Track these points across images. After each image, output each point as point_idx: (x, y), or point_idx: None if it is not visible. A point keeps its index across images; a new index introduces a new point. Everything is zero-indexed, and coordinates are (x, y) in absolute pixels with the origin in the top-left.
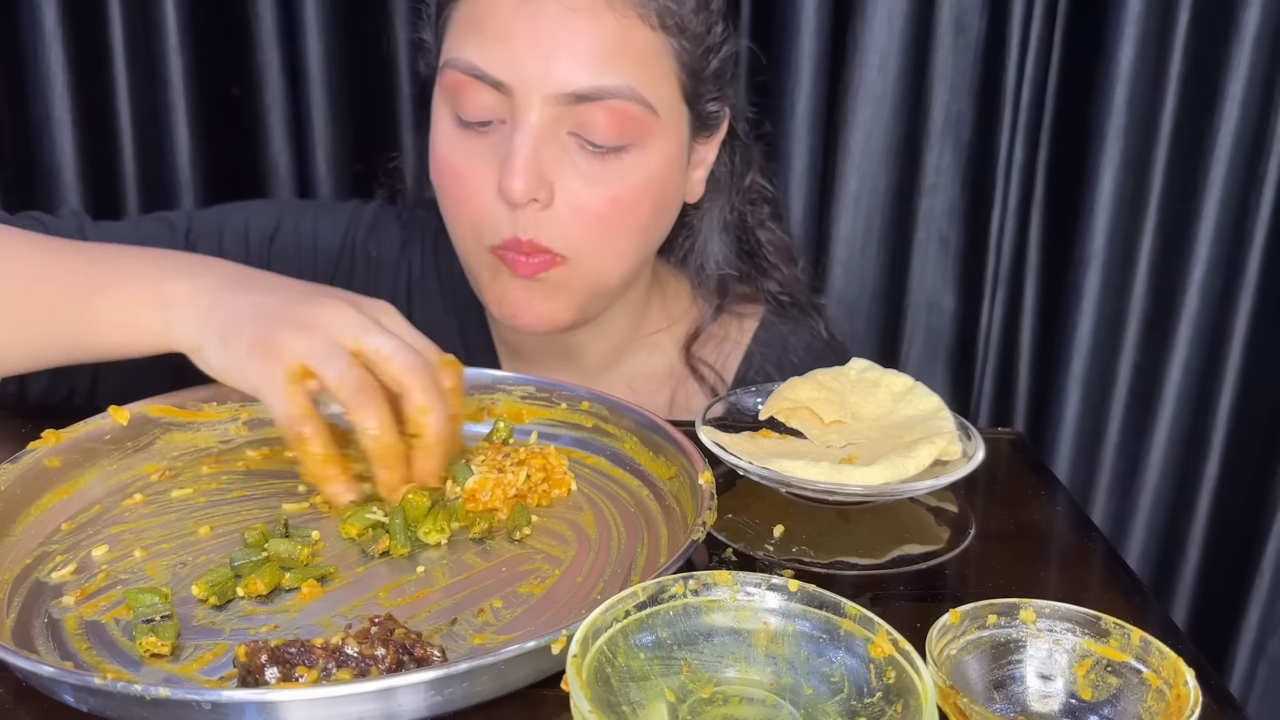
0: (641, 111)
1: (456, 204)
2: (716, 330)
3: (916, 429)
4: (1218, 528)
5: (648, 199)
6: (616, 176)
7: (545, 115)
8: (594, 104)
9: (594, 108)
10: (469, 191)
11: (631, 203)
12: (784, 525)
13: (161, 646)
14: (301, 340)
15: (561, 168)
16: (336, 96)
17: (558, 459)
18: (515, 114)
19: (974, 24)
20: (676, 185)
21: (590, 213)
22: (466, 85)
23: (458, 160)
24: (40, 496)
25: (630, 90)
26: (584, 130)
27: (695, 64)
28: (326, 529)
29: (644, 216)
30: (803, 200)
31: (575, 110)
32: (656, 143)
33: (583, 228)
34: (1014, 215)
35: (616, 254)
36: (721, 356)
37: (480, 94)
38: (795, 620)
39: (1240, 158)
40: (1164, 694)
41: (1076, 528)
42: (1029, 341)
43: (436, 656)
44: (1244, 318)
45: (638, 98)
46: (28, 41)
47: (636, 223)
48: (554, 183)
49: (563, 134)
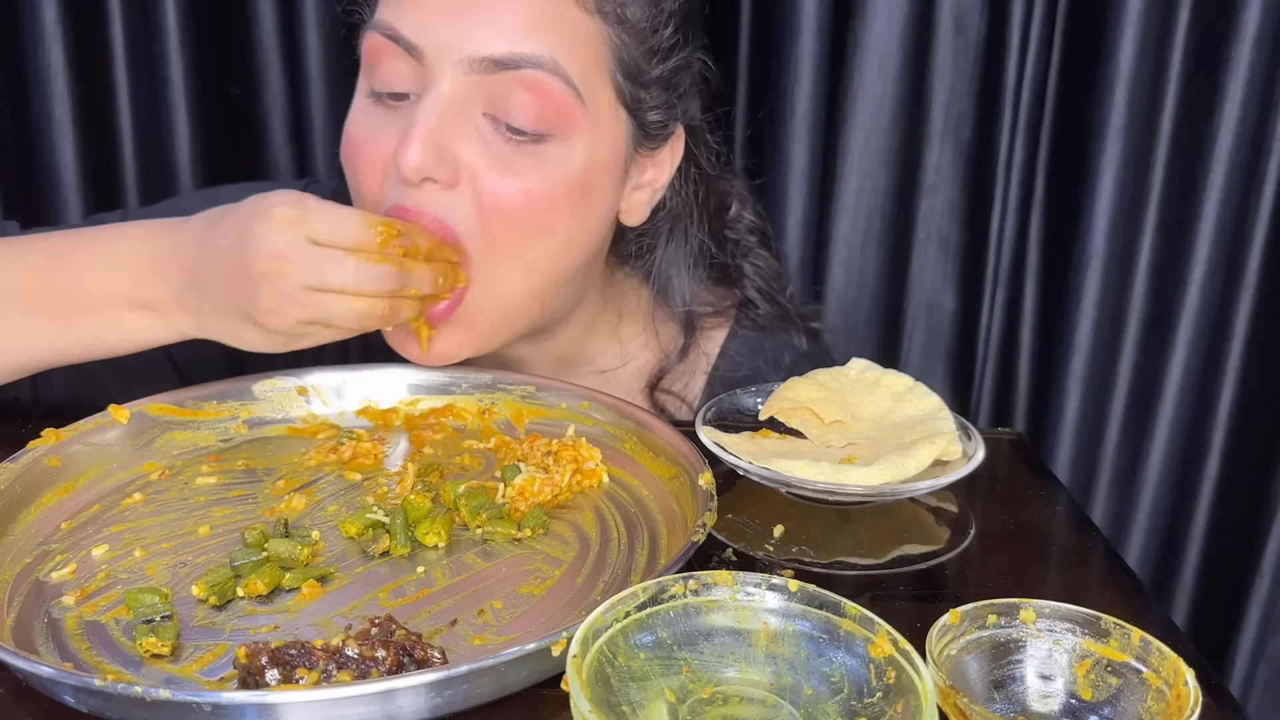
0: (564, 91)
1: (353, 179)
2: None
3: (916, 429)
4: (1218, 528)
5: (566, 200)
6: (532, 168)
7: (457, 85)
8: (513, 75)
9: (511, 81)
10: (367, 164)
11: (548, 200)
12: (784, 525)
13: (161, 647)
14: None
15: (471, 149)
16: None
17: (590, 452)
18: (426, 83)
19: (974, 24)
20: (606, 195)
21: (501, 202)
22: (382, 51)
23: (362, 133)
24: (40, 496)
25: (552, 63)
26: (500, 110)
27: (636, 63)
28: (326, 529)
29: (560, 218)
30: (803, 200)
31: (491, 82)
32: (582, 138)
33: (491, 218)
34: (1014, 215)
35: (522, 259)
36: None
37: (395, 62)
38: (795, 620)
39: (1240, 158)
40: (1164, 694)
41: (1076, 528)
42: (1029, 341)
43: (437, 658)
44: (1244, 318)
45: (560, 72)
46: (28, 41)
47: (550, 223)
48: (459, 164)
49: (477, 113)
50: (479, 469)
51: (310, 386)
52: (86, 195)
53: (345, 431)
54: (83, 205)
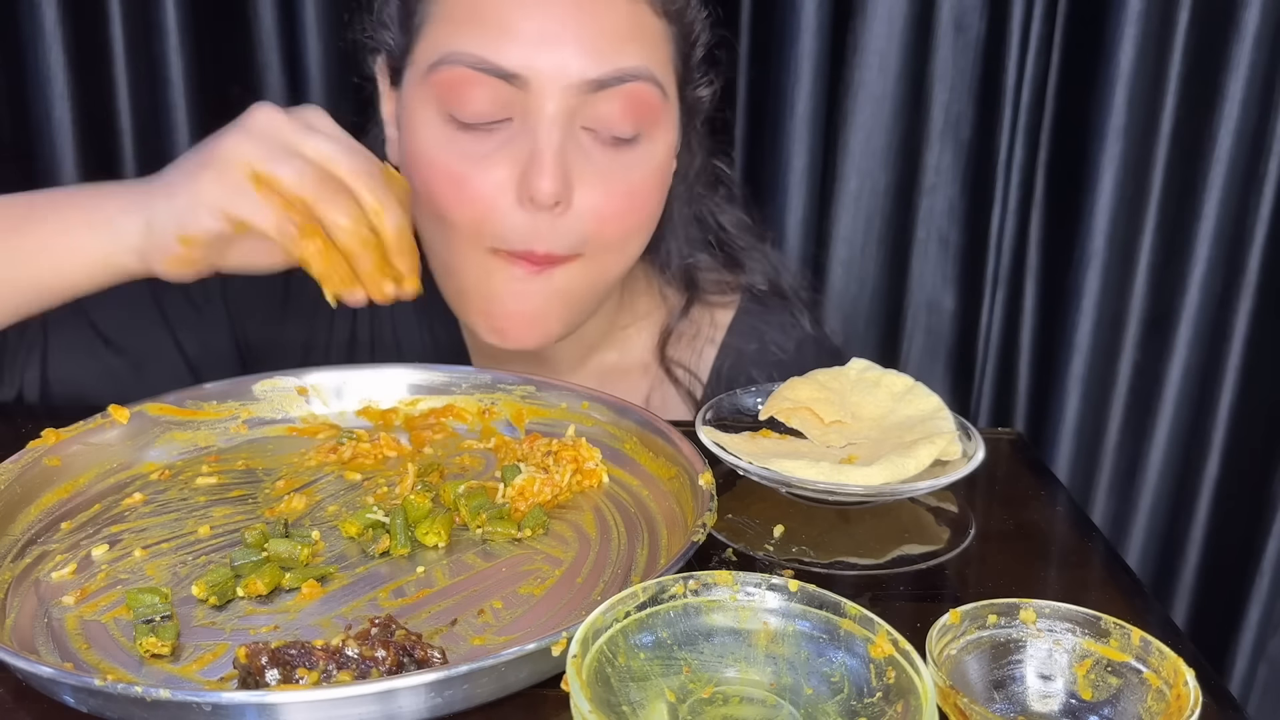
0: (656, 95)
1: (456, 209)
2: (688, 326)
3: (916, 429)
4: (1218, 528)
5: (656, 190)
6: (631, 168)
7: (564, 107)
8: (611, 91)
9: (611, 96)
10: (472, 195)
11: (645, 195)
12: (784, 525)
13: (161, 647)
14: (245, 145)
15: (581, 168)
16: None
17: (589, 452)
18: (530, 109)
19: (974, 24)
20: (671, 174)
21: (609, 212)
22: (469, 81)
23: (454, 163)
24: (40, 496)
25: (647, 71)
26: (599, 123)
27: (686, 51)
28: (326, 529)
29: (653, 209)
30: (803, 200)
31: (591, 100)
32: (662, 131)
33: (598, 227)
34: (1014, 215)
35: (626, 252)
36: (695, 353)
37: (486, 90)
38: (795, 620)
39: (1240, 158)
40: (1164, 694)
41: (1076, 528)
42: (1029, 341)
43: (437, 658)
44: (1244, 318)
45: (652, 79)
46: (28, 41)
47: (647, 215)
48: (574, 183)
49: (578, 130)
50: (479, 469)
51: (310, 386)
52: None
53: (345, 431)
54: None
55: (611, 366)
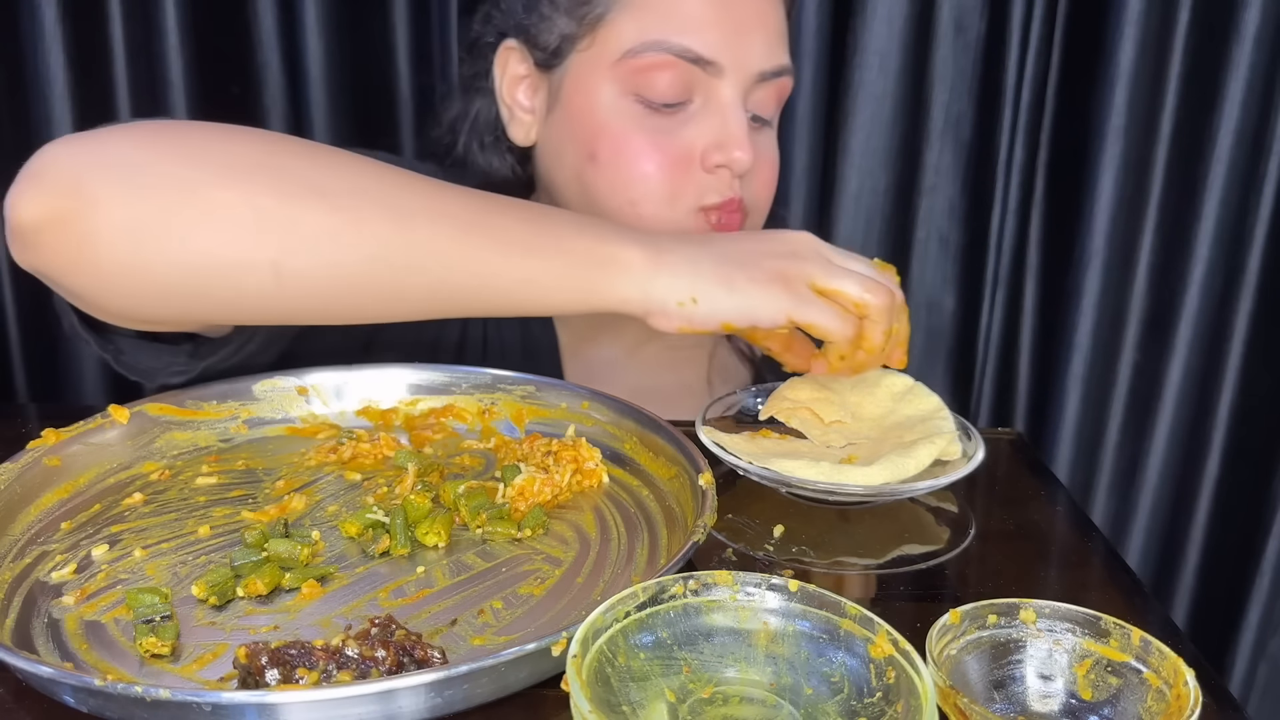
0: (790, 86)
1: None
2: None
3: (916, 429)
4: (1218, 528)
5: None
6: (769, 146)
7: (743, 90)
8: (771, 82)
9: (769, 86)
10: (673, 163)
11: (775, 170)
12: (784, 525)
13: (161, 647)
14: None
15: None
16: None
17: (589, 452)
18: (714, 91)
19: (974, 24)
20: None
21: (764, 180)
22: (667, 67)
23: (651, 136)
24: (40, 496)
25: (792, 68)
26: (755, 107)
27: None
28: (326, 529)
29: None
30: (803, 200)
31: (761, 87)
32: None
33: (760, 194)
34: (1014, 215)
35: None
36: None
37: (680, 74)
38: (795, 620)
39: (1240, 158)
40: (1164, 694)
41: (1076, 528)
42: (1029, 341)
43: (437, 658)
44: (1244, 318)
45: (793, 74)
46: (28, 41)
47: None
48: None
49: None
50: (479, 469)
51: (310, 386)
52: None
53: (345, 431)
54: None
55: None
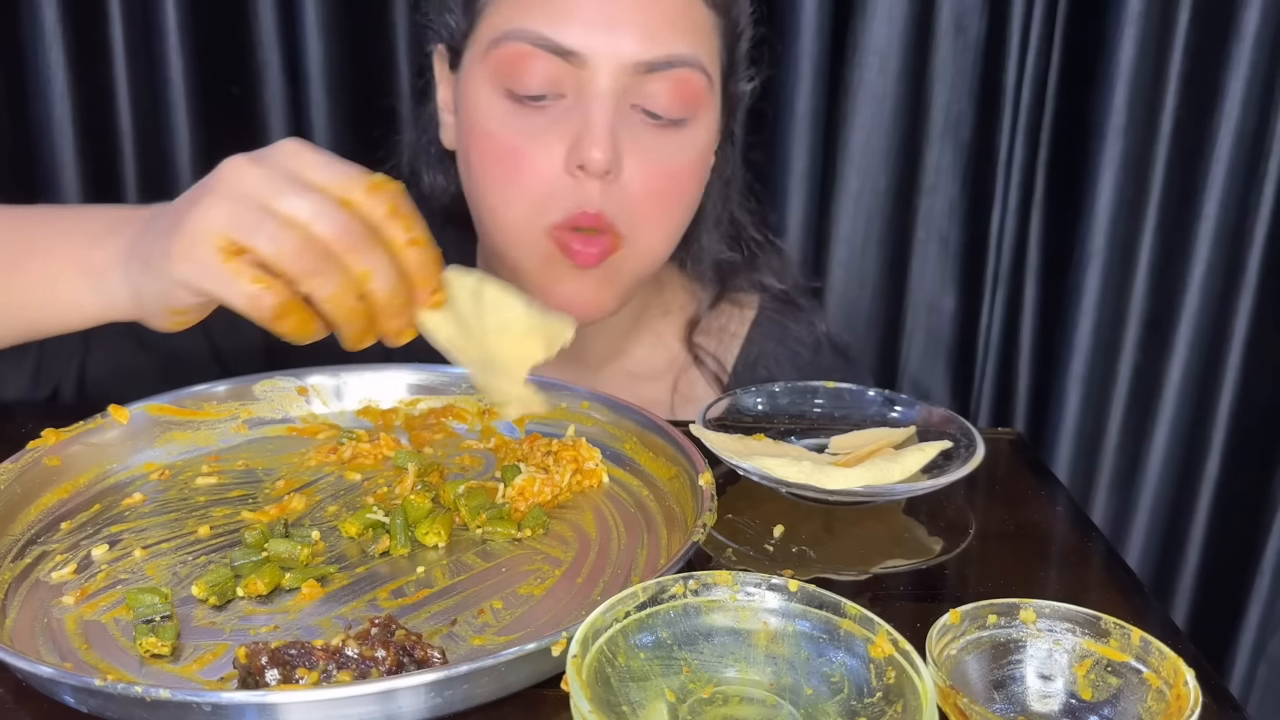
0: (703, 83)
1: (512, 181)
2: (716, 320)
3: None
4: (1218, 528)
5: (697, 175)
6: (676, 151)
7: (617, 84)
8: (660, 74)
9: (660, 78)
10: (530, 167)
11: (687, 179)
12: (784, 525)
13: (161, 647)
14: (214, 212)
15: (628, 142)
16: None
17: (589, 452)
18: (584, 85)
19: (974, 24)
20: (709, 165)
21: (653, 189)
22: (530, 57)
23: (513, 136)
24: (40, 496)
25: (695, 60)
26: (648, 102)
27: (732, 44)
28: (326, 529)
29: (694, 194)
30: (803, 200)
31: (642, 81)
32: (705, 119)
33: (644, 205)
34: (1014, 215)
35: (669, 233)
36: (722, 346)
37: (545, 65)
38: (795, 620)
39: (1240, 158)
40: (1164, 694)
41: (1076, 528)
42: (1029, 341)
43: (437, 658)
44: (1244, 318)
45: (701, 68)
46: (28, 41)
47: (689, 200)
48: (623, 156)
49: (626, 107)
50: (479, 469)
51: (310, 387)
52: (86, 195)
53: (345, 431)
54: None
55: (642, 359)
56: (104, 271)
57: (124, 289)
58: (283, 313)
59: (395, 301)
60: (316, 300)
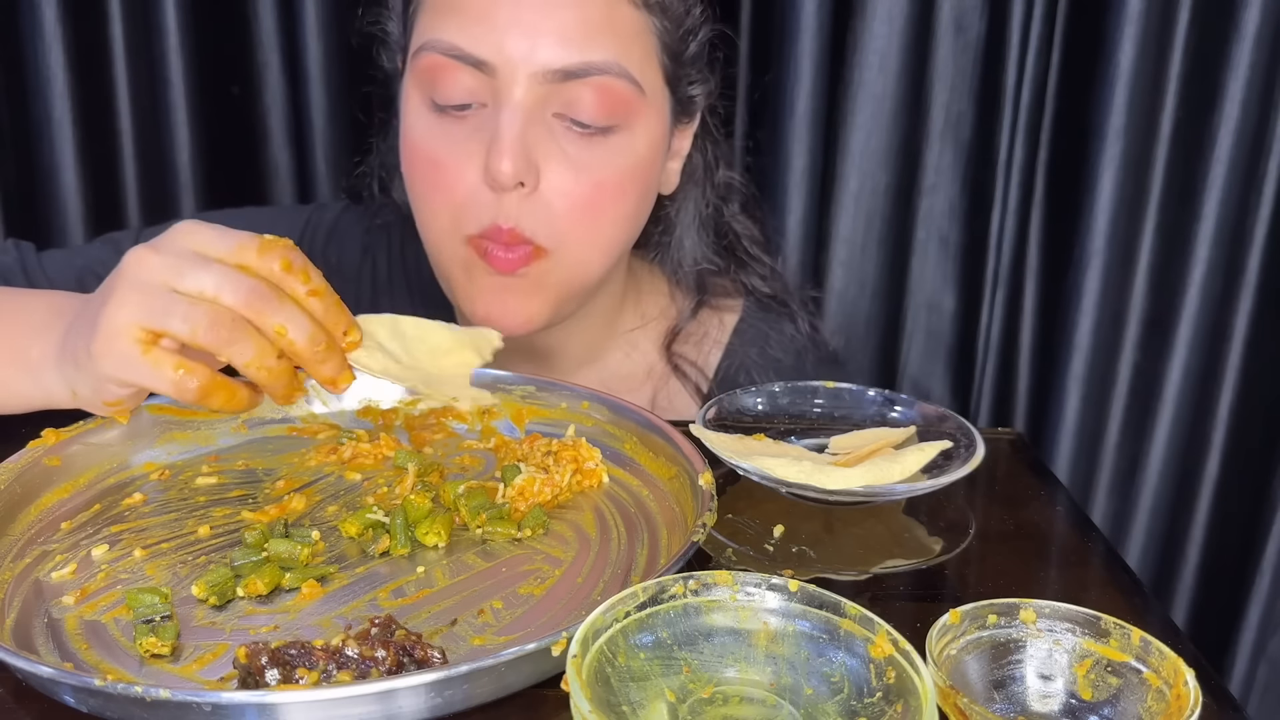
0: (629, 89)
1: (433, 193)
2: (696, 327)
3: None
4: (1218, 528)
5: (633, 185)
6: (604, 160)
7: (531, 94)
8: (581, 81)
9: (581, 86)
10: (448, 179)
11: (618, 188)
12: (784, 525)
13: (161, 647)
14: (126, 304)
15: (547, 151)
16: (336, 96)
17: (589, 452)
18: (499, 94)
19: (974, 24)
20: (657, 172)
21: (577, 199)
22: (445, 67)
23: (434, 147)
24: (40, 496)
25: (618, 66)
26: (571, 110)
27: (675, 45)
28: (326, 529)
29: (629, 203)
30: (803, 200)
31: (561, 89)
32: (642, 125)
33: (568, 216)
34: (1014, 215)
35: (600, 245)
36: (702, 354)
37: (460, 75)
38: (795, 620)
39: (1240, 158)
40: (1164, 694)
41: (1076, 528)
42: (1029, 341)
43: (437, 658)
44: (1244, 318)
45: (625, 74)
46: (28, 41)
47: (623, 210)
48: (540, 167)
49: (548, 115)
50: (479, 469)
51: (310, 387)
52: (86, 195)
53: (345, 431)
54: (83, 205)
55: (617, 367)
56: (40, 369)
57: (60, 385)
58: (208, 392)
59: (317, 349)
60: (239, 367)
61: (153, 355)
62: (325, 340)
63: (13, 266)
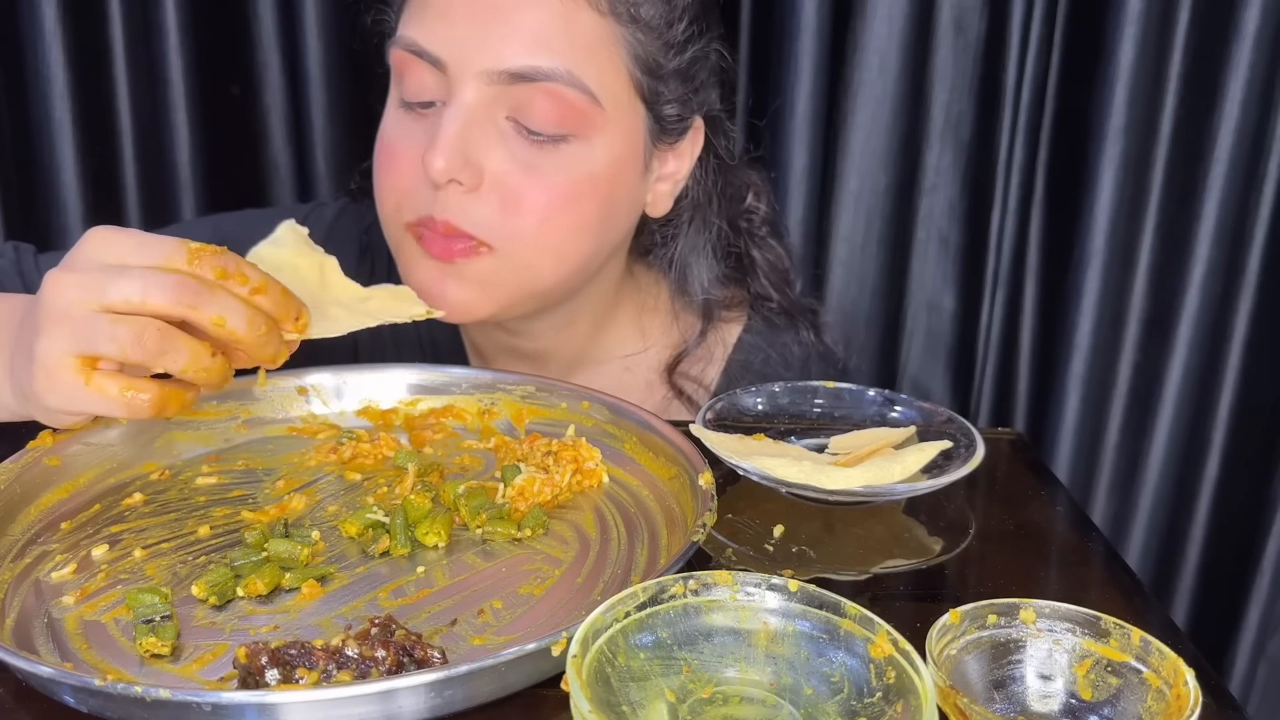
0: (582, 99)
1: (384, 178)
2: (703, 352)
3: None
4: (1218, 528)
5: (590, 197)
6: (555, 167)
7: (480, 94)
8: (530, 86)
9: (531, 90)
10: (399, 167)
11: (569, 197)
12: (784, 525)
13: (161, 647)
14: (54, 336)
15: (494, 152)
16: (336, 96)
17: (589, 452)
18: (450, 92)
19: (974, 24)
20: (629, 188)
21: (521, 202)
22: (409, 64)
23: (396, 140)
24: (40, 496)
25: (569, 75)
26: (521, 114)
27: (652, 59)
28: (326, 529)
29: (587, 214)
30: (803, 200)
31: (512, 91)
32: (602, 137)
33: (513, 217)
34: (1014, 215)
35: (551, 251)
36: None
37: (422, 73)
38: (795, 620)
39: (1240, 158)
40: (1164, 694)
41: (1076, 528)
42: (1029, 341)
43: (437, 658)
44: (1244, 318)
45: (577, 83)
46: (28, 41)
47: (574, 220)
48: (483, 166)
49: (500, 117)
50: (479, 469)
51: (310, 386)
52: (86, 195)
53: (345, 431)
54: (83, 205)
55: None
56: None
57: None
58: (162, 405)
59: (259, 332)
60: (176, 374)
61: (95, 384)
62: (265, 322)
63: (8, 270)
